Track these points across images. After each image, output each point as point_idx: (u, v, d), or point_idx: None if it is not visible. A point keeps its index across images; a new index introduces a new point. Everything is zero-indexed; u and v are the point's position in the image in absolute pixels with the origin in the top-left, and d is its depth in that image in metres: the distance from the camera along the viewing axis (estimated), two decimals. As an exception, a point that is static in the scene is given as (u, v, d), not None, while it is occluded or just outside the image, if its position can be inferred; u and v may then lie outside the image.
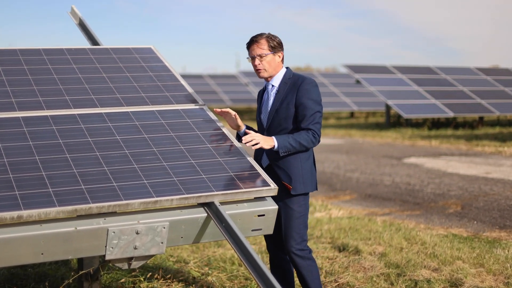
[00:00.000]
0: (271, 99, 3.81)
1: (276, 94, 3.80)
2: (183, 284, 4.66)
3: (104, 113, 3.88)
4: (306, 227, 3.78)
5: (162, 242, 3.18)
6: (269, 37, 3.76)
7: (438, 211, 7.79)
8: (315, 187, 3.82)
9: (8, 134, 3.51)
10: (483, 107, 22.25)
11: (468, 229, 6.73)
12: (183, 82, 4.37)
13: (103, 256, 3.11)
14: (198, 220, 3.26)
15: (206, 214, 3.28)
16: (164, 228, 3.16)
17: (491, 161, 12.26)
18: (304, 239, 3.77)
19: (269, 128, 3.80)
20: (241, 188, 3.37)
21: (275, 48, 3.77)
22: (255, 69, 3.80)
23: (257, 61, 3.77)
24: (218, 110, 3.81)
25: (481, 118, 22.29)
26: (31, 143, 3.47)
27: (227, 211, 3.27)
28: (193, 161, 3.53)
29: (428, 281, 4.69)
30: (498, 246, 5.80)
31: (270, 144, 3.61)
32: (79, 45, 4.68)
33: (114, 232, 3.05)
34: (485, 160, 12.52)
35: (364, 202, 8.69)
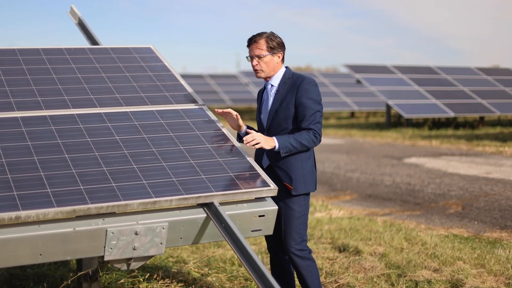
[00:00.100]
0: (271, 99, 3.79)
1: (276, 94, 3.78)
2: (183, 285, 4.65)
3: (103, 113, 3.86)
4: (306, 227, 3.77)
5: (161, 243, 3.16)
6: (269, 38, 3.73)
7: (438, 211, 7.77)
8: (315, 187, 3.80)
9: (7, 134, 3.50)
10: (484, 107, 22.24)
11: (469, 230, 6.71)
12: (183, 82, 4.35)
13: (102, 256, 3.10)
14: (197, 220, 3.25)
15: (205, 215, 3.27)
16: (163, 228, 3.14)
17: (492, 161, 12.24)
18: (304, 239, 3.75)
19: (269, 128, 3.78)
20: (241, 189, 3.35)
21: (274, 49, 3.73)
22: (253, 69, 3.78)
23: (255, 62, 3.75)
24: (219, 110, 3.79)
25: (481, 118, 22.28)
26: (29, 143, 3.45)
27: (226, 212, 3.25)
28: (192, 161, 3.51)
29: (429, 281, 4.68)
30: (499, 246, 5.78)
31: (271, 145, 3.59)
32: (78, 45, 4.67)
33: (113, 233, 3.04)
34: (486, 160, 12.50)
35: (365, 202, 8.68)
